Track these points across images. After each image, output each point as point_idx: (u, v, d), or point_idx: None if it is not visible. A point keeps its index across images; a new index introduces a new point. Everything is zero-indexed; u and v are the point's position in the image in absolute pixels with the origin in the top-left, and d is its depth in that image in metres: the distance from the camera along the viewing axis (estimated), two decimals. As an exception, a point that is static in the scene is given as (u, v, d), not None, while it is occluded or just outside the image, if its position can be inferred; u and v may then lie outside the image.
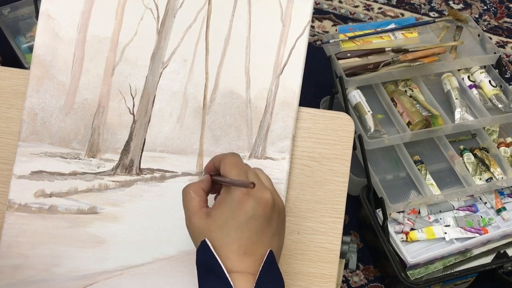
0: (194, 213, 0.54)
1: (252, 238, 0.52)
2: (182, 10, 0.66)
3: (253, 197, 0.52)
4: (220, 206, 0.53)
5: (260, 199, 0.52)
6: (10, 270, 0.63)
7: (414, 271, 1.23)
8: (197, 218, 0.54)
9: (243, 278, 0.50)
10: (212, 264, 0.51)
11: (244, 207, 0.52)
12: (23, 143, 0.64)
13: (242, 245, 0.51)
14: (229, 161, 0.55)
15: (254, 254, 0.52)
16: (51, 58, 0.65)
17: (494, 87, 1.39)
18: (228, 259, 0.51)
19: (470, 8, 2.00)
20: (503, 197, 1.31)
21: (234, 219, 0.52)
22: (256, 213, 0.52)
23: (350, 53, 1.37)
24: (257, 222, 0.52)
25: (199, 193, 0.55)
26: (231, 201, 0.52)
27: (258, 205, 0.52)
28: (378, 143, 1.26)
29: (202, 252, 0.52)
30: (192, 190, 0.55)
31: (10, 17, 1.60)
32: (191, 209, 0.54)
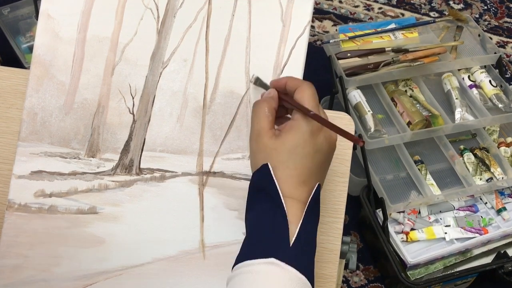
0: (266, 132, 0.55)
1: (313, 169, 0.54)
2: (182, 10, 0.66)
3: (324, 133, 0.55)
4: (293, 131, 0.54)
5: (329, 136, 0.55)
6: (10, 270, 0.63)
7: (414, 271, 1.23)
8: (267, 137, 0.55)
9: (295, 204, 0.53)
10: (268, 186, 0.53)
11: (316, 139, 0.54)
12: (23, 143, 0.64)
13: (303, 174, 0.53)
14: (309, 91, 0.56)
15: (309, 185, 0.54)
16: (51, 58, 0.65)
17: (494, 87, 1.39)
18: (287, 183, 0.53)
19: (471, 8, 2.00)
20: (503, 197, 1.31)
21: (304, 148, 0.53)
22: (323, 148, 0.55)
23: (350, 53, 1.37)
24: (322, 156, 0.55)
25: (272, 113, 0.57)
26: (305, 130, 0.54)
27: (326, 141, 0.55)
28: (378, 143, 1.26)
29: (260, 174, 0.54)
30: (267, 107, 0.57)
31: (10, 17, 1.60)
32: (264, 127, 0.55)
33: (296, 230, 0.51)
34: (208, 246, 0.64)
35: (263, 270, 0.49)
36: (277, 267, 0.49)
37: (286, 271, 0.49)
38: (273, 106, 0.57)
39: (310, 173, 0.54)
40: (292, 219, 0.52)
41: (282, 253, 0.50)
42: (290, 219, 0.52)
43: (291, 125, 0.55)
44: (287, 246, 0.50)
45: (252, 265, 0.50)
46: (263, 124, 0.55)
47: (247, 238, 0.54)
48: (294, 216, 0.52)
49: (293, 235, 0.51)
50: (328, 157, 0.56)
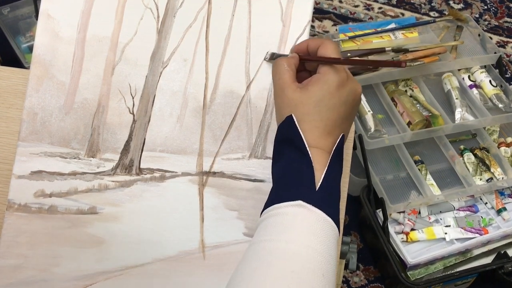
0: (289, 85, 0.56)
1: (338, 121, 0.56)
2: (182, 9, 0.66)
3: (350, 86, 0.56)
4: (319, 83, 0.55)
5: (355, 89, 0.57)
6: (10, 270, 0.63)
7: (415, 271, 1.23)
8: (291, 90, 0.56)
9: (320, 153, 0.54)
10: (294, 137, 0.55)
11: (342, 91, 0.55)
12: (23, 143, 0.64)
13: (329, 125, 0.55)
14: (332, 46, 0.58)
15: (333, 135, 0.56)
16: (51, 58, 0.65)
17: (494, 87, 1.39)
18: (312, 134, 0.55)
19: (471, 8, 2.00)
20: (503, 198, 1.30)
21: (330, 100, 0.55)
22: (349, 100, 0.56)
23: (350, 53, 1.36)
24: (347, 108, 0.56)
25: (292, 68, 0.58)
26: (331, 82, 0.55)
27: (352, 94, 0.56)
28: (378, 143, 1.26)
29: (285, 126, 0.56)
30: (286, 63, 0.58)
31: (10, 17, 1.60)
32: (286, 80, 0.57)
33: (321, 176, 0.53)
34: (208, 246, 0.64)
35: (291, 211, 0.51)
36: (304, 209, 0.51)
37: (313, 212, 0.51)
38: (292, 62, 0.59)
39: (336, 125, 0.55)
40: (318, 166, 0.53)
41: (308, 196, 0.52)
42: (316, 167, 0.53)
43: (317, 77, 0.56)
44: (314, 190, 0.52)
45: (280, 208, 0.52)
46: (285, 78, 0.57)
47: (274, 186, 0.56)
48: (319, 164, 0.54)
49: (319, 181, 0.53)
50: (353, 110, 0.57)
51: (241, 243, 0.63)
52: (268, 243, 0.50)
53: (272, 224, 0.52)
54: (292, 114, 0.55)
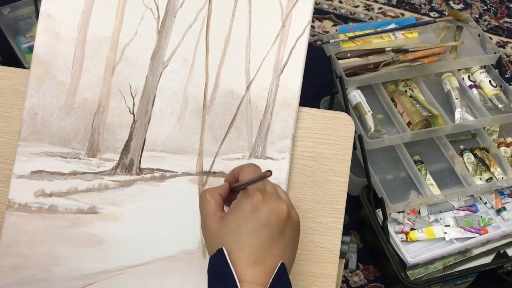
0: (209, 216, 0.54)
1: (263, 247, 0.51)
2: (183, 10, 0.66)
3: (268, 206, 0.51)
4: (235, 210, 0.53)
5: (275, 208, 0.52)
6: (10, 270, 0.63)
7: (414, 271, 1.23)
8: (212, 221, 0.53)
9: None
10: (224, 272, 0.50)
11: (259, 214, 0.51)
12: (23, 143, 0.64)
13: (252, 253, 0.50)
14: (249, 169, 0.55)
15: (264, 264, 0.50)
16: (51, 58, 0.65)
17: (494, 87, 1.39)
18: (237, 266, 0.50)
19: (471, 8, 2.00)
20: (503, 197, 1.31)
21: (247, 225, 0.51)
22: (270, 222, 0.51)
23: (350, 53, 1.37)
24: (270, 231, 0.51)
25: (215, 197, 0.55)
26: (246, 206, 0.52)
27: (272, 214, 0.51)
28: (378, 143, 1.26)
29: (216, 259, 0.51)
30: (208, 194, 0.55)
31: (10, 17, 1.60)
32: (206, 212, 0.54)
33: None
34: (208, 246, 0.64)
35: None
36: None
37: None
38: (216, 191, 0.55)
39: (262, 251, 0.50)
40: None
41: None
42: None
43: (233, 205, 0.54)
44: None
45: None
46: (205, 210, 0.54)
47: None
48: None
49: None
50: (281, 231, 0.52)
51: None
52: None
53: None
54: (223, 248, 0.51)
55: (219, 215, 0.54)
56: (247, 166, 0.56)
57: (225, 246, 0.51)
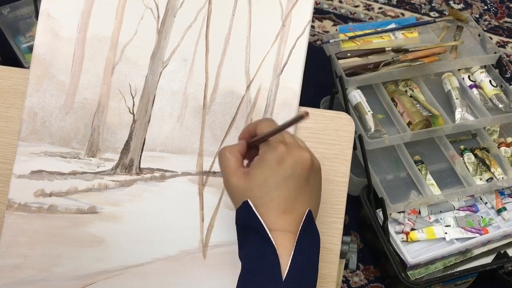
0: (232, 173, 0.54)
1: (291, 197, 0.52)
2: (182, 9, 0.66)
3: (292, 156, 0.52)
4: (259, 165, 0.53)
5: (299, 157, 0.53)
6: (10, 270, 0.63)
7: (415, 271, 1.23)
8: (236, 178, 0.54)
9: (283, 236, 0.51)
10: (253, 223, 0.52)
11: (284, 165, 0.52)
12: (23, 143, 0.64)
13: (281, 204, 0.52)
14: (266, 123, 0.55)
15: (293, 213, 0.52)
16: (51, 58, 0.65)
17: (494, 87, 1.39)
18: (268, 217, 0.51)
19: (471, 8, 2.00)
20: (503, 197, 1.30)
21: (274, 178, 0.52)
22: (295, 172, 0.52)
23: (350, 53, 1.37)
24: (296, 181, 0.52)
25: (234, 154, 0.56)
26: (271, 160, 0.52)
27: (297, 164, 0.52)
28: (379, 143, 1.26)
29: (243, 212, 0.53)
30: (227, 151, 0.56)
31: (10, 17, 1.60)
32: (229, 169, 0.55)
33: (288, 263, 0.49)
34: (208, 246, 0.64)
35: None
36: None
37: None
38: (235, 149, 0.56)
39: (290, 201, 0.52)
40: (283, 251, 0.50)
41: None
42: (281, 252, 0.50)
43: (257, 159, 0.54)
44: (280, 281, 0.49)
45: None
46: (227, 167, 0.55)
47: (242, 273, 0.53)
48: (284, 248, 0.50)
49: (285, 269, 0.49)
50: (306, 180, 0.53)
51: (241, 243, 0.63)
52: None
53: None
54: (248, 200, 0.52)
55: (241, 171, 0.54)
56: (264, 120, 0.56)
57: (253, 200, 0.52)
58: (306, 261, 0.51)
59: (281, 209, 0.52)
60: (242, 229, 0.54)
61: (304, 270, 0.51)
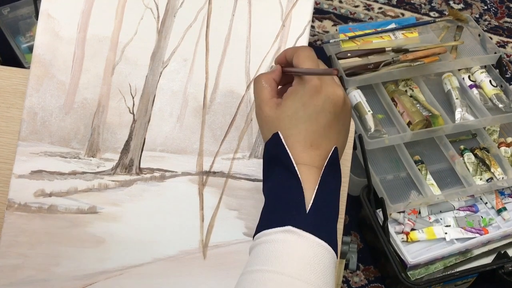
0: (265, 102, 0.54)
1: (319, 132, 0.52)
2: (182, 9, 0.66)
3: (325, 92, 0.52)
4: (291, 97, 0.53)
5: (332, 94, 0.52)
6: (10, 270, 0.63)
7: (415, 271, 1.23)
8: (268, 107, 0.54)
9: (308, 170, 0.51)
10: (281, 155, 0.52)
11: (316, 100, 0.52)
12: (23, 143, 0.64)
13: (309, 137, 0.52)
14: (304, 53, 0.55)
15: (319, 148, 0.52)
16: (51, 58, 0.65)
17: (494, 87, 1.39)
18: (294, 150, 0.52)
19: (471, 8, 2.00)
20: (503, 197, 1.30)
21: (304, 111, 0.52)
22: (326, 108, 0.52)
23: (350, 53, 1.37)
24: (326, 116, 0.52)
25: (270, 83, 0.55)
26: (303, 93, 0.52)
27: (329, 100, 0.52)
28: (379, 143, 1.26)
29: (272, 144, 0.53)
30: (263, 79, 0.56)
31: (10, 17, 1.60)
32: (262, 98, 0.55)
33: (312, 196, 0.50)
34: (208, 245, 0.64)
35: (280, 238, 0.49)
36: (294, 235, 0.48)
37: (304, 238, 0.48)
38: (271, 77, 0.56)
39: (318, 136, 0.52)
40: (308, 185, 0.50)
41: (298, 220, 0.49)
42: (305, 186, 0.50)
43: (290, 90, 0.54)
44: (304, 212, 0.49)
45: (269, 234, 0.49)
46: (261, 96, 0.55)
47: (265, 207, 0.53)
48: (309, 182, 0.51)
49: (309, 202, 0.50)
50: (337, 117, 0.53)
51: (241, 243, 0.63)
52: (258, 274, 0.48)
53: (262, 252, 0.49)
54: (278, 132, 0.53)
55: (274, 101, 0.54)
56: (303, 51, 0.55)
57: (281, 131, 0.52)
58: (329, 196, 0.52)
59: (307, 143, 0.52)
60: (269, 161, 0.54)
61: (328, 206, 0.51)
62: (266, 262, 0.48)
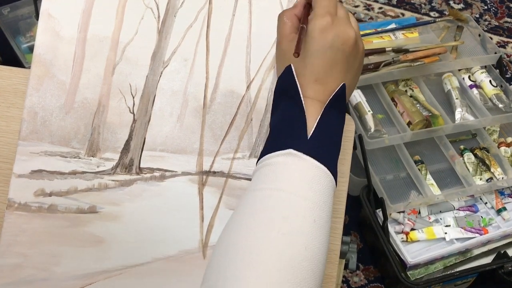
0: (284, 37, 0.57)
1: (325, 68, 0.53)
2: (183, 9, 0.66)
3: (335, 29, 0.53)
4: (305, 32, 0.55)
5: (342, 33, 0.53)
6: (10, 269, 0.63)
7: (415, 271, 1.23)
8: (285, 42, 0.57)
9: (312, 103, 0.53)
10: (289, 88, 0.54)
11: (325, 36, 0.53)
12: (23, 142, 0.64)
13: (314, 72, 0.53)
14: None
15: (324, 84, 0.54)
16: (52, 57, 0.65)
17: (494, 87, 1.39)
18: (300, 83, 0.54)
19: (471, 8, 2.00)
20: (503, 197, 1.31)
21: (312, 46, 0.53)
22: (335, 45, 0.53)
23: (351, 53, 1.36)
24: (334, 54, 0.53)
25: (291, 19, 0.57)
26: (313, 28, 0.53)
27: (338, 38, 0.53)
28: (378, 143, 1.26)
29: (283, 77, 0.55)
30: (285, 15, 0.58)
31: (10, 17, 1.60)
32: (282, 33, 0.57)
33: (314, 124, 0.52)
34: (208, 245, 0.64)
35: (281, 161, 0.51)
36: (295, 157, 0.51)
37: (304, 160, 0.50)
38: (293, 13, 0.58)
39: (323, 71, 0.53)
40: (310, 117, 0.52)
41: (299, 144, 0.51)
42: (309, 115, 0.52)
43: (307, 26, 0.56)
44: (305, 137, 0.51)
45: (271, 157, 0.52)
46: (282, 30, 0.57)
47: (269, 136, 0.55)
48: (312, 113, 0.53)
49: (311, 129, 0.52)
50: (345, 56, 0.54)
51: (241, 243, 0.63)
52: (260, 192, 0.50)
53: (264, 173, 0.52)
54: (291, 65, 0.54)
55: (293, 36, 0.56)
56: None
57: (294, 64, 0.54)
58: (331, 128, 0.53)
59: (312, 77, 0.54)
60: (278, 95, 0.56)
61: (329, 136, 0.53)
62: (266, 182, 0.51)
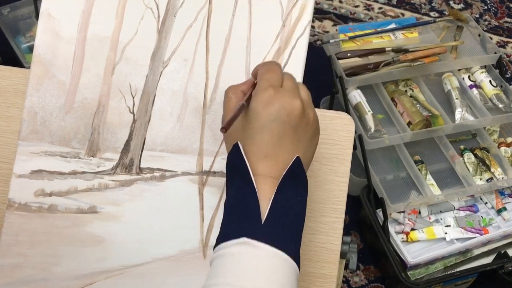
0: (229, 113, 0.54)
1: (273, 142, 0.51)
2: (183, 9, 0.66)
3: (279, 101, 0.51)
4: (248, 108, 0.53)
5: (287, 104, 0.51)
6: (10, 269, 0.63)
7: (415, 271, 1.23)
8: None
9: (264, 180, 0.51)
10: (239, 166, 0.52)
11: (268, 109, 0.51)
12: (23, 142, 0.64)
13: (263, 147, 0.51)
14: (267, 65, 0.55)
15: (275, 158, 0.51)
16: (52, 57, 0.65)
17: (494, 87, 1.39)
18: (250, 160, 0.51)
19: (471, 8, 2.00)
20: (503, 197, 1.31)
21: (257, 121, 0.52)
22: (280, 117, 0.51)
23: (350, 53, 1.37)
24: (280, 127, 0.51)
25: (236, 94, 0.56)
26: (257, 102, 0.52)
27: (283, 110, 0.51)
28: (379, 143, 1.26)
29: (232, 154, 0.53)
30: (231, 91, 0.56)
31: (10, 17, 1.60)
32: (227, 108, 0.55)
33: (267, 206, 0.49)
34: (208, 245, 0.64)
35: (236, 251, 0.48)
36: (249, 246, 0.48)
37: (259, 248, 0.47)
38: (239, 89, 0.56)
39: (272, 146, 0.51)
40: (264, 196, 0.50)
41: (253, 229, 0.48)
42: (262, 196, 0.50)
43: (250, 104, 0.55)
44: (259, 221, 0.49)
45: (226, 247, 0.49)
46: (226, 107, 0.56)
47: (223, 218, 0.53)
48: (265, 192, 0.50)
49: (265, 212, 0.49)
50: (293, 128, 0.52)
51: (241, 243, 0.63)
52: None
53: (219, 265, 0.49)
54: (238, 142, 0.52)
55: None
56: (267, 63, 0.56)
57: (240, 141, 0.52)
58: (289, 208, 0.51)
59: (262, 153, 0.51)
60: (229, 172, 0.54)
61: (286, 217, 0.50)
62: (222, 275, 0.48)
